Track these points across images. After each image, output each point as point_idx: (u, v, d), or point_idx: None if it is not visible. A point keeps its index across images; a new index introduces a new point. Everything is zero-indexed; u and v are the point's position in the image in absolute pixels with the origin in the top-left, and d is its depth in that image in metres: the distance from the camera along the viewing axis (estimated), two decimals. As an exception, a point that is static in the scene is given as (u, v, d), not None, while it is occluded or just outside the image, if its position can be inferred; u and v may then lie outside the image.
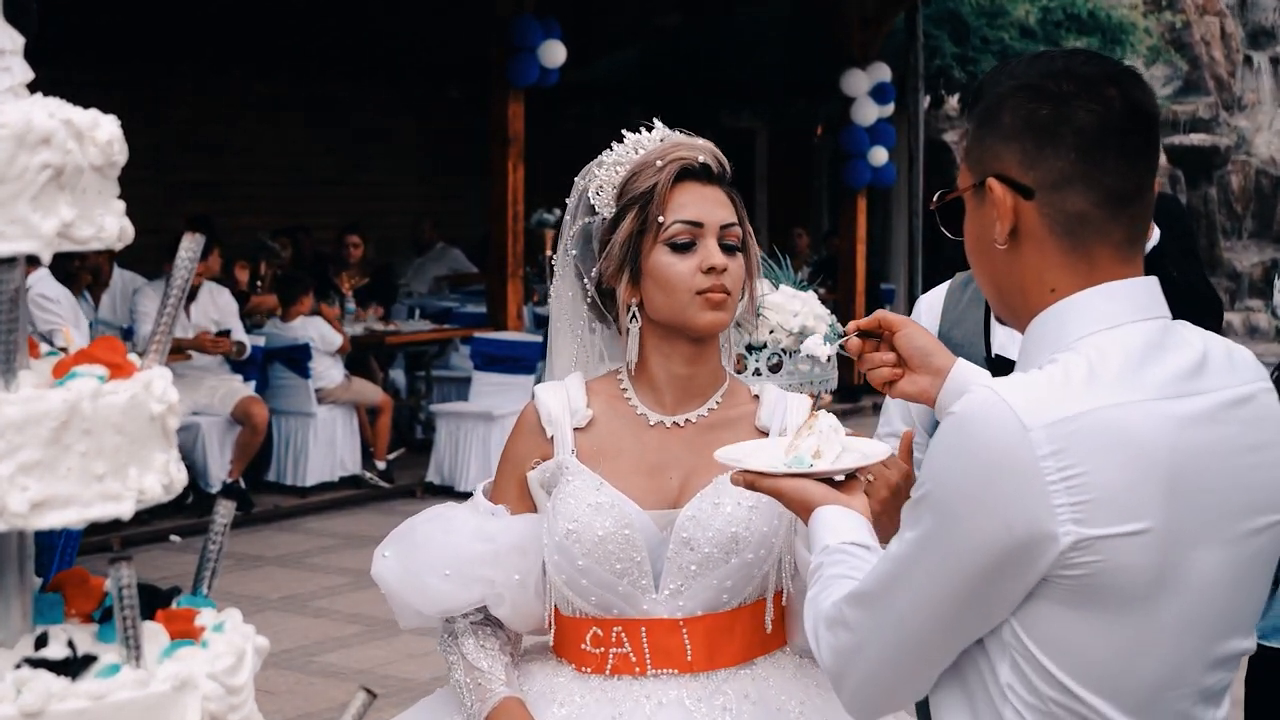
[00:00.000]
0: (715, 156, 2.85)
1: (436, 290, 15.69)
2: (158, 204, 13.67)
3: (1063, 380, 2.00)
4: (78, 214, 1.68)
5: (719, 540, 2.74)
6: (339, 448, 11.76)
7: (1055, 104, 2.06)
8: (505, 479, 2.93)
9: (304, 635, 8.09)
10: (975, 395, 2.02)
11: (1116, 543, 1.95)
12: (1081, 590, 1.97)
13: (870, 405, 14.70)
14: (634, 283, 2.82)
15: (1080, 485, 1.94)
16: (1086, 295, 2.08)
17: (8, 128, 1.63)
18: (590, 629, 2.82)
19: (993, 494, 1.96)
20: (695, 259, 2.78)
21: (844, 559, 2.25)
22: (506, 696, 2.79)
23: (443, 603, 2.87)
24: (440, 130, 17.43)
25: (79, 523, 1.64)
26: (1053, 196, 2.07)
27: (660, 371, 2.87)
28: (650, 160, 2.82)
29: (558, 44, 12.57)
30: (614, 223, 2.84)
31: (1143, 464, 1.97)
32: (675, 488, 2.82)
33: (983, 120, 2.15)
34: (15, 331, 1.65)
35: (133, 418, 1.68)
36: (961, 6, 18.51)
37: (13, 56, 1.74)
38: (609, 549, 2.75)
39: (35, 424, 1.61)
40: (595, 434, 2.87)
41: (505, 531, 2.86)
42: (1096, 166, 2.05)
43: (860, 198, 16.76)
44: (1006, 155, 2.10)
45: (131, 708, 1.60)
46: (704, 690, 2.77)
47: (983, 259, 2.18)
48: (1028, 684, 2.02)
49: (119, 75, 13.98)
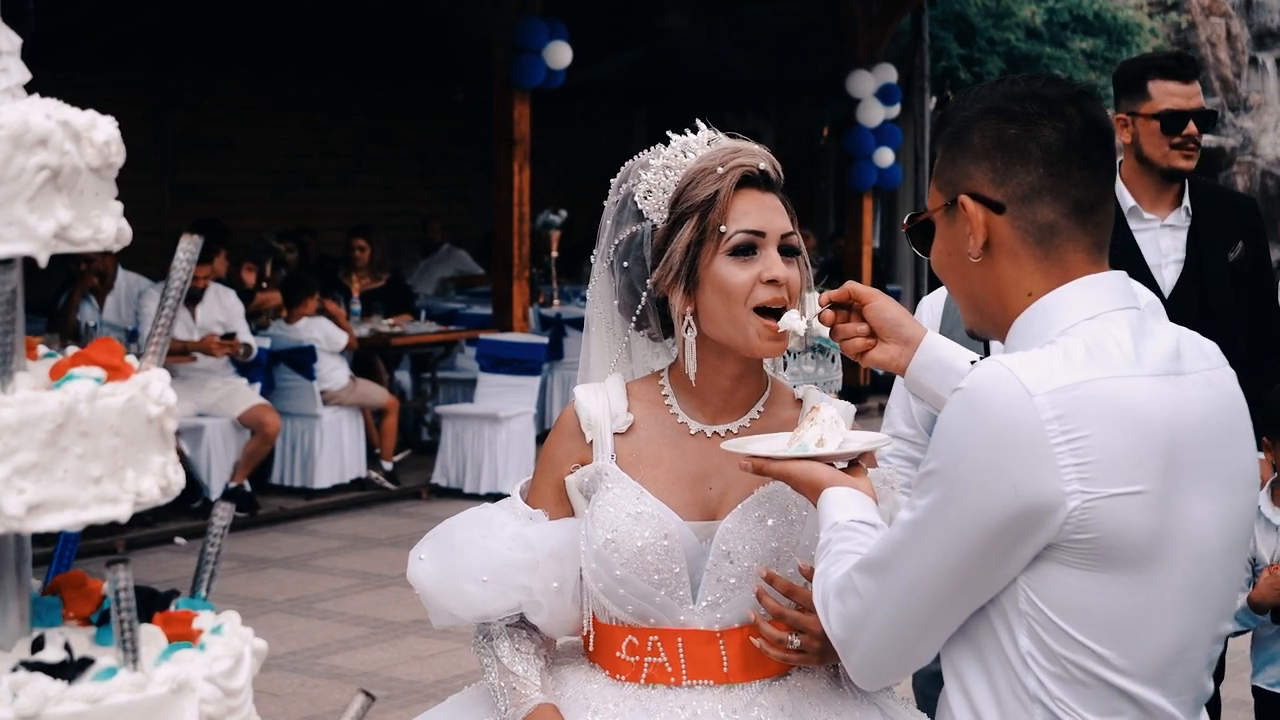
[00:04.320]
0: (772, 163, 2.81)
1: (442, 292, 15.70)
2: (162, 206, 13.68)
3: (1064, 356, 2.14)
4: (75, 215, 1.68)
5: (760, 554, 2.72)
6: (344, 450, 11.75)
7: (1021, 124, 2.24)
8: (543, 481, 2.90)
9: (309, 637, 8.08)
10: (982, 368, 2.15)
11: (1120, 502, 2.09)
12: (1090, 552, 2.10)
13: (876, 406, 14.68)
14: (689, 292, 2.77)
15: (1084, 448, 2.08)
16: (1069, 288, 2.23)
17: (4, 129, 1.63)
18: (626, 637, 2.79)
19: (1000, 458, 2.09)
20: (756, 268, 2.73)
21: (851, 535, 2.35)
22: (542, 703, 2.75)
23: (480, 609, 2.84)
24: (446, 132, 17.43)
25: (76, 525, 1.63)
26: (1023, 209, 2.24)
27: (706, 382, 2.82)
28: (710, 167, 2.76)
29: (563, 45, 12.57)
30: (671, 230, 2.78)
31: (1142, 431, 2.12)
32: (715, 498, 2.79)
33: (951, 143, 2.31)
34: (12, 333, 1.64)
35: (130, 420, 1.67)
36: (967, 8, 18.50)
37: (10, 57, 1.74)
38: (648, 559, 2.71)
39: (32, 426, 1.60)
40: (635, 440, 2.83)
41: (544, 538, 2.82)
42: (1063, 179, 2.23)
43: (866, 199, 16.75)
44: (977, 173, 2.27)
45: (128, 711, 1.60)
46: (739, 702, 2.74)
47: (956, 273, 2.34)
48: (1047, 650, 2.13)
49: (123, 77, 14.00)
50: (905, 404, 4.22)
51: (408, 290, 14.44)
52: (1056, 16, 19.28)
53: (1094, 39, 19.39)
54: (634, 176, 2.86)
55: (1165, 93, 4.69)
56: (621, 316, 2.92)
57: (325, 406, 11.60)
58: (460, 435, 11.81)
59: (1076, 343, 2.16)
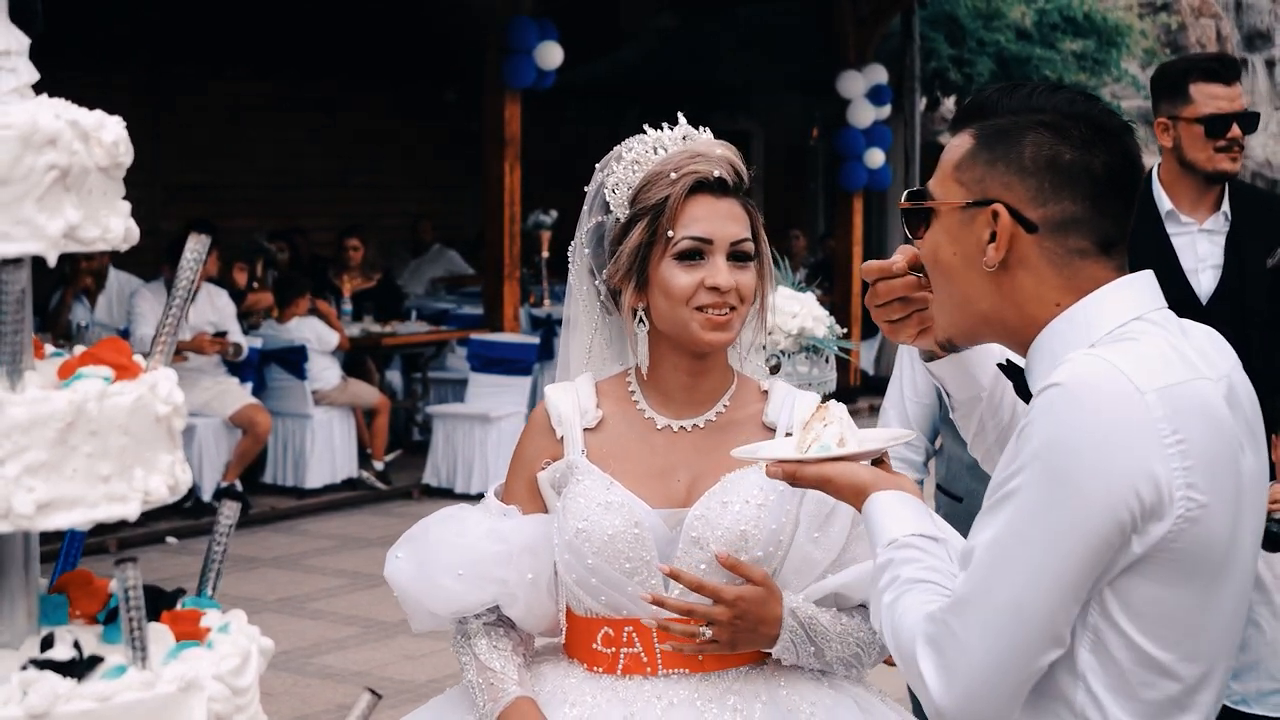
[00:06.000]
0: (732, 167, 2.82)
1: (433, 292, 15.69)
2: (154, 206, 13.66)
3: (1151, 353, 2.04)
4: (84, 215, 1.68)
5: (728, 539, 2.75)
6: (336, 449, 11.74)
7: (1079, 149, 2.13)
8: (516, 479, 2.95)
9: (301, 637, 8.08)
10: (1079, 363, 2.02)
11: (1210, 511, 2.00)
12: (1176, 561, 2.00)
13: (866, 407, 14.70)
14: (640, 289, 2.83)
15: (1187, 451, 1.99)
16: (1107, 290, 2.13)
17: (14, 129, 1.63)
18: (602, 629, 2.83)
19: (1116, 458, 1.96)
20: (702, 273, 2.77)
21: (918, 555, 2.17)
22: (519, 696, 2.79)
23: (456, 603, 2.88)
24: (437, 132, 17.41)
25: (85, 524, 1.64)
26: (1055, 234, 2.13)
27: (667, 377, 2.88)
28: (665, 171, 2.80)
29: (554, 46, 12.57)
30: (625, 230, 2.83)
31: (1222, 436, 2.04)
32: (683, 490, 2.83)
33: (994, 143, 2.16)
34: (21, 332, 1.64)
35: (138, 419, 1.67)
36: (958, 9, 18.51)
37: (18, 58, 1.74)
38: (618, 548, 2.76)
39: (41, 425, 1.61)
40: (605, 435, 2.89)
41: (517, 532, 2.87)
42: (1101, 214, 2.14)
43: (856, 200, 16.75)
44: (1020, 188, 2.14)
45: (137, 709, 1.60)
46: (715, 690, 2.79)
47: (959, 276, 2.20)
48: (1108, 660, 2.03)
49: (116, 76, 13.96)
50: (900, 405, 4.23)
51: (398, 291, 14.43)
52: (1046, 18, 19.30)
53: (1084, 40, 19.41)
54: (609, 166, 2.90)
55: (1208, 96, 4.59)
56: (597, 302, 2.97)
57: (317, 406, 11.60)
58: (451, 435, 11.81)
59: (1148, 341, 2.06)
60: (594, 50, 16.94)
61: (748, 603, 2.71)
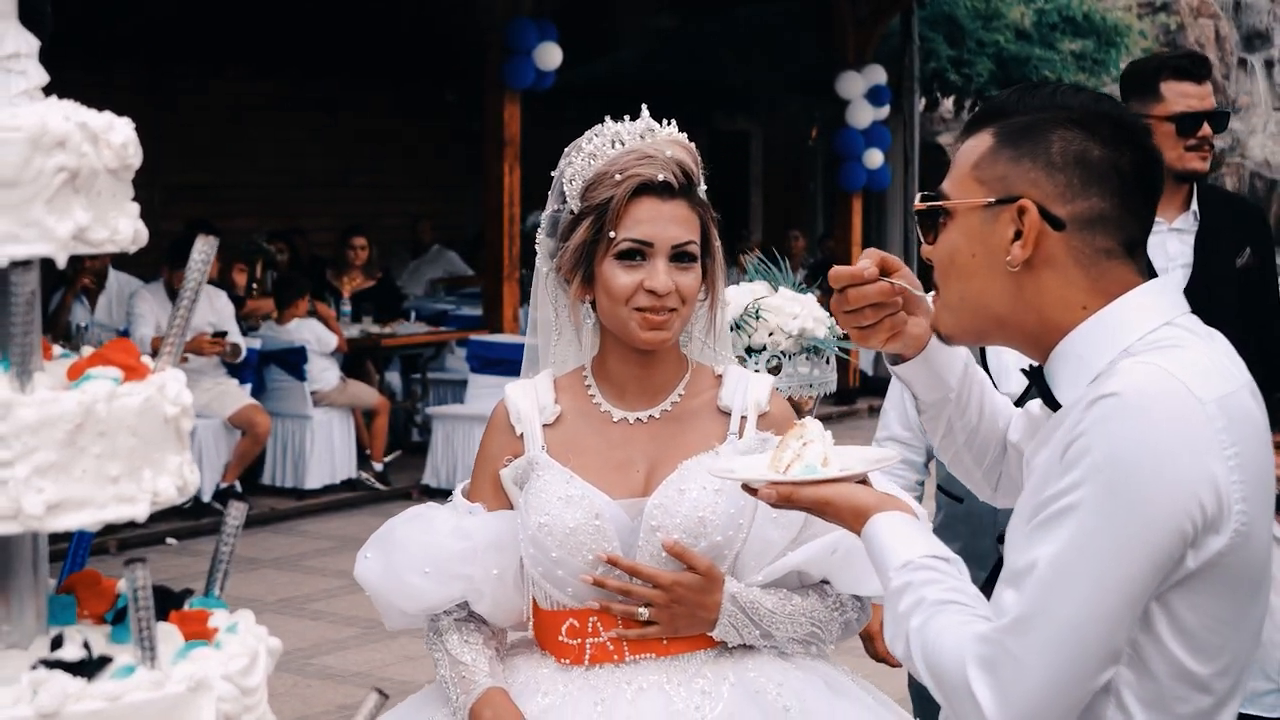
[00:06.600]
0: (678, 169, 2.84)
1: (432, 293, 15.69)
2: (153, 206, 13.64)
3: (1201, 361, 2.00)
4: (93, 217, 1.69)
5: (686, 525, 2.80)
6: (335, 450, 11.75)
7: (1108, 146, 2.10)
8: (480, 477, 3.00)
9: (301, 638, 8.08)
10: (1137, 371, 1.98)
11: (1257, 524, 1.98)
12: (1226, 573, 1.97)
13: (866, 408, 14.71)
14: (586, 283, 2.88)
15: (1242, 464, 1.96)
16: (1136, 295, 2.10)
17: (23, 130, 1.63)
18: (566, 620, 2.88)
19: (1182, 469, 1.92)
20: (641, 274, 2.81)
21: (937, 576, 2.12)
22: (490, 687, 2.84)
23: (424, 600, 2.94)
24: (437, 132, 17.41)
25: (94, 524, 1.64)
26: (1083, 232, 2.09)
27: (618, 370, 2.94)
28: (611, 171, 2.83)
29: (554, 46, 12.58)
30: (572, 225, 2.88)
31: (1264, 448, 2.02)
32: (642, 479, 2.88)
33: (1018, 140, 2.12)
34: (31, 334, 1.65)
35: (147, 420, 1.68)
36: (956, 9, 18.51)
37: (28, 60, 1.75)
38: (580, 540, 2.81)
39: (51, 426, 1.61)
40: (563, 430, 2.94)
41: (482, 529, 2.92)
42: (1128, 212, 2.11)
43: (855, 200, 16.77)
44: (1048, 184, 2.10)
45: (147, 709, 1.60)
46: (683, 673, 2.84)
47: (978, 278, 2.15)
48: (1145, 675, 2.00)
49: (118, 76, 13.97)
50: (901, 406, 4.24)
51: (398, 291, 14.44)
52: (1046, 18, 19.29)
53: (1083, 40, 19.41)
54: (569, 155, 2.94)
55: (1179, 94, 4.57)
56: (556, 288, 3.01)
57: (316, 407, 11.60)
58: (451, 436, 11.82)
59: (1193, 350, 2.02)
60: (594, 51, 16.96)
61: (685, 588, 2.78)
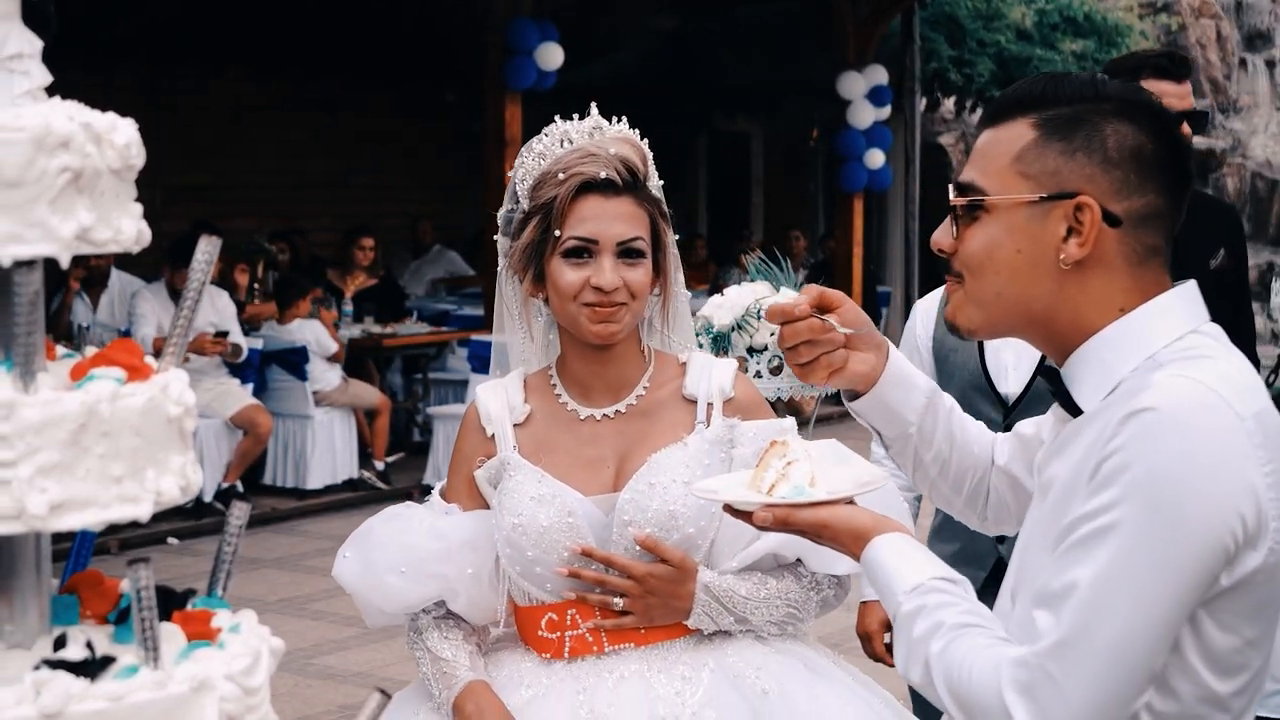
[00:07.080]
0: (622, 166, 2.85)
1: (433, 293, 15.70)
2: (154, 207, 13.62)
3: (1234, 374, 1.96)
4: (96, 217, 1.68)
5: (658, 519, 2.83)
6: (336, 450, 11.75)
7: (1161, 141, 2.05)
8: (456, 478, 3.04)
9: (302, 638, 8.09)
10: (1175, 386, 1.93)
11: None
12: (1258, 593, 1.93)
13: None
14: (537, 281, 2.91)
15: (1277, 480, 1.92)
16: (1162, 300, 2.06)
17: (27, 131, 1.63)
18: (545, 614, 2.91)
19: (1223, 486, 1.88)
20: (588, 271, 2.83)
21: (951, 600, 2.07)
22: (471, 680, 2.87)
23: (400, 599, 2.98)
24: (437, 133, 17.42)
25: (98, 525, 1.64)
26: (1136, 229, 2.05)
27: (578, 368, 2.96)
28: (554, 171, 2.85)
29: (555, 46, 12.59)
30: (521, 225, 2.91)
31: None
32: (612, 475, 2.91)
33: (1068, 133, 2.05)
34: (34, 334, 1.65)
35: (150, 420, 1.68)
36: (958, 9, 18.52)
37: (31, 60, 1.75)
38: (555, 538, 2.84)
39: (54, 426, 1.61)
40: (533, 429, 2.97)
41: (457, 529, 2.96)
42: (1173, 207, 2.08)
43: (856, 201, 16.77)
44: (1103, 180, 2.03)
45: (150, 709, 1.60)
46: (664, 662, 2.86)
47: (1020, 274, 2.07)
48: (1169, 694, 1.96)
49: (118, 76, 13.97)
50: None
51: (401, 291, 14.44)
52: (1047, 18, 19.30)
53: (1084, 40, 19.41)
54: (521, 156, 2.96)
55: (1158, 93, 4.49)
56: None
57: (317, 407, 11.61)
58: (452, 436, 11.62)
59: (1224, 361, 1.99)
60: (594, 51, 16.96)
61: (658, 579, 2.81)
